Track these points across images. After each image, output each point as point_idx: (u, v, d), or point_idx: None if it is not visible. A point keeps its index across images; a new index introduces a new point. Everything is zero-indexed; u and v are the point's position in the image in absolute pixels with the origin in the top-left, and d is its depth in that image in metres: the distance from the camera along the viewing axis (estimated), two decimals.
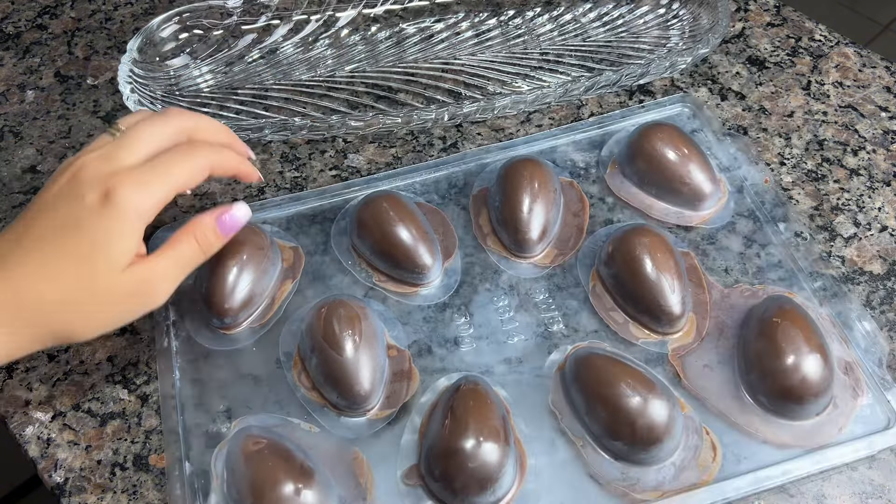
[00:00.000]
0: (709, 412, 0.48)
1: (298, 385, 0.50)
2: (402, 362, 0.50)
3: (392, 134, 0.63)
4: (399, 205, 0.54)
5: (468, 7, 0.71)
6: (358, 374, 0.47)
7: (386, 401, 0.49)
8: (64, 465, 0.47)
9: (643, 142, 0.57)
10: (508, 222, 0.55)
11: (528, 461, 0.46)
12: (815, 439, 0.47)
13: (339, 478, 0.46)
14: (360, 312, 0.49)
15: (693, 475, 0.46)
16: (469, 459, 0.43)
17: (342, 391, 0.48)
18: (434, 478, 0.45)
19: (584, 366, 0.48)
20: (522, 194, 0.54)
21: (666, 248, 0.52)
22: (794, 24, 0.70)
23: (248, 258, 0.52)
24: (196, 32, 0.66)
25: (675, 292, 0.50)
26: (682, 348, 0.51)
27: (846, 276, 0.55)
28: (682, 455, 0.46)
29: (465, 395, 0.46)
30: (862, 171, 0.60)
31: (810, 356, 0.47)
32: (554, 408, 0.48)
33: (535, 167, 0.56)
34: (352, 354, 0.47)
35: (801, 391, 0.47)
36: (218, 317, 0.51)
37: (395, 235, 0.53)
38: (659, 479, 0.46)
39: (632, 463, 0.46)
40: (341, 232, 0.57)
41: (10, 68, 0.68)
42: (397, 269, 0.54)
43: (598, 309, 0.53)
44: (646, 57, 0.67)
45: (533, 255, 0.55)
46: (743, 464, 0.46)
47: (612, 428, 0.46)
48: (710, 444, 0.47)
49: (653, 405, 0.45)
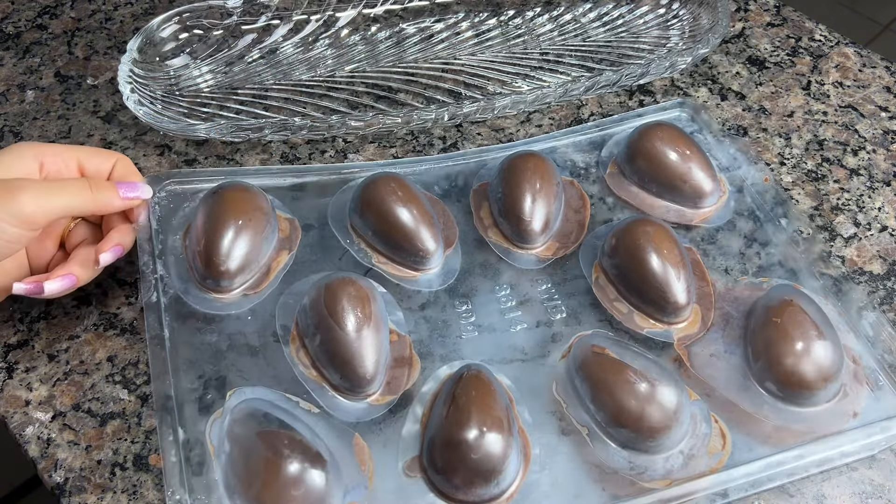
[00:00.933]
0: (717, 399, 0.48)
1: (297, 361, 0.48)
2: (403, 348, 0.49)
3: (392, 134, 0.63)
4: (404, 187, 0.54)
5: (468, 7, 0.71)
6: (363, 355, 0.46)
7: (387, 386, 0.48)
8: (64, 465, 0.47)
9: (643, 141, 0.57)
10: (511, 212, 0.54)
11: (533, 451, 0.45)
12: (827, 426, 0.46)
13: (341, 463, 0.44)
14: (368, 293, 0.48)
15: (702, 463, 0.45)
16: (472, 451, 0.42)
17: (346, 372, 0.46)
18: (437, 470, 0.44)
19: (589, 354, 0.47)
20: (526, 185, 0.54)
21: (670, 238, 0.52)
22: (794, 24, 0.70)
23: (251, 220, 0.51)
24: (196, 32, 0.66)
25: (681, 280, 0.50)
26: (688, 337, 0.50)
27: (846, 276, 0.55)
28: (690, 443, 0.46)
29: (468, 383, 0.45)
30: (862, 171, 0.60)
31: (819, 342, 0.46)
32: (558, 396, 0.48)
33: (538, 161, 0.56)
34: (358, 335, 0.46)
35: (811, 377, 0.46)
36: (213, 277, 0.50)
37: (398, 216, 0.52)
38: (667, 467, 0.45)
39: (639, 451, 0.45)
40: (340, 209, 0.55)
41: (10, 68, 0.68)
42: (399, 251, 0.53)
43: (602, 299, 0.52)
44: (646, 57, 0.67)
45: (535, 245, 0.55)
46: (753, 451, 0.46)
47: (619, 416, 0.45)
48: (719, 432, 0.46)
49: (661, 392, 0.44)
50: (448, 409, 0.44)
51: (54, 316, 0.52)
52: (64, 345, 0.51)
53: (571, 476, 0.45)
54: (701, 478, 0.44)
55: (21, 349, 0.51)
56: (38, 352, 0.51)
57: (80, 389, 0.50)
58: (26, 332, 0.51)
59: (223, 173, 0.57)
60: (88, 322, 0.52)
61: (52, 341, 0.51)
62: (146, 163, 0.61)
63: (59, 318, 0.52)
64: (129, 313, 0.52)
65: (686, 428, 0.46)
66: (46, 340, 0.51)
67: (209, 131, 0.59)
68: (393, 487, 0.45)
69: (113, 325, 0.52)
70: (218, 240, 0.50)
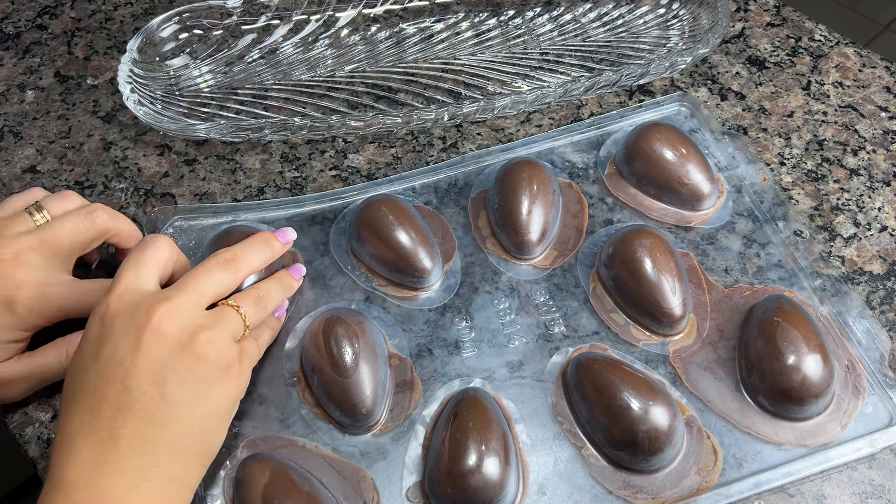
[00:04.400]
0: (710, 414, 0.48)
1: (304, 403, 0.49)
2: (405, 372, 0.50)
3: (392, 134, 0.63)
4: (397, 209, 0.54)
5: (468, 7, 0.71)
6: (359, 391, 0.47)
7: (390, 414, 0.49)
8: None
9: (641, 142, 0.57)
10: (508, 224, 0.55)
11: (531, 475, 0.46)
12: (817, 439, 0.47)
13: (345, 499, 0.45)
14: (357, 328, 0.49)
15: (694, 481, 0.46)
16: (470, 480, 0.43)
17: (345, 410, 0.47)
18: (437, 497, 0.45)
19: (586, 372, 0.48)
20: (521, 196, 0.54)
21: (666, 249, 0.52)
22: (794, 24, 0.70)
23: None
24: (196, 32, 0.66)
25: (677, 294, 0.50)
26: (683, 350, 0.51)
27: (846, 276, 0.55)
28: (683, 461, 0.46)
29: (466, 409, 0.46)
30: (862, 171, 0.60)
31: (809, 356, 0.47)
32: (556, 412, 0.48)
33: (534, 169, 0.56)
34: (351, 373, 0.47)
35: (800, 392, 0.47)
36: None
37: (393, 240, 0.53)
38: (660, 486, 0.46)
39: (633, 471, 0.46)
40: (340, 235, 0.57)
41: (10, 68, 0.68)
42: (397, 273, 0.53)
43: (599, 311, 0.53)
44: (646, 57, 0.67)
45: (532, 256, 0.55)
46: (744, 467, 0.46)
47: (615, 437, 0.46)
48: (710, 449, 0.47)
49: (654, 415, 0.45)
50: (446, 438, 0.45)
51: None
52: None
53: (569, 499, 0.46)
54: (693, 496, 0.45)
55: None
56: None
57: None
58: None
59: (227, 209, 0.58)
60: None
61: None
62: (146, 163, 0.61)
63: None
64: None
65: (679, 447, 0.46)
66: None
67: (209, 131, 0.59)
68: None
69: None
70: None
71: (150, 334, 0.40)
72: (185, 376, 0.41)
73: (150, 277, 0.44)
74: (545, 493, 0.46)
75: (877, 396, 0.49)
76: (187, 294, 0.43)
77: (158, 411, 0.40)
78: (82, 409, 0.40)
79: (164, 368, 0.40)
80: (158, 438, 0.40)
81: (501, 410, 0.48)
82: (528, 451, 0.47)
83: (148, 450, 0.39)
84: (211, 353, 0.42)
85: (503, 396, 0.49)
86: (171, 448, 0.40)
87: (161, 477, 0.40)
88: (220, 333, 0.43)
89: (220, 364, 0.42)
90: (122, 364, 0.40)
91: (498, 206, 0.55)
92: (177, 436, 0.40)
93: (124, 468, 0.39)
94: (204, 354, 0.41)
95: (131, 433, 0.39)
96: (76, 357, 0.42)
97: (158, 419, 0.40)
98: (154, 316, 0.41)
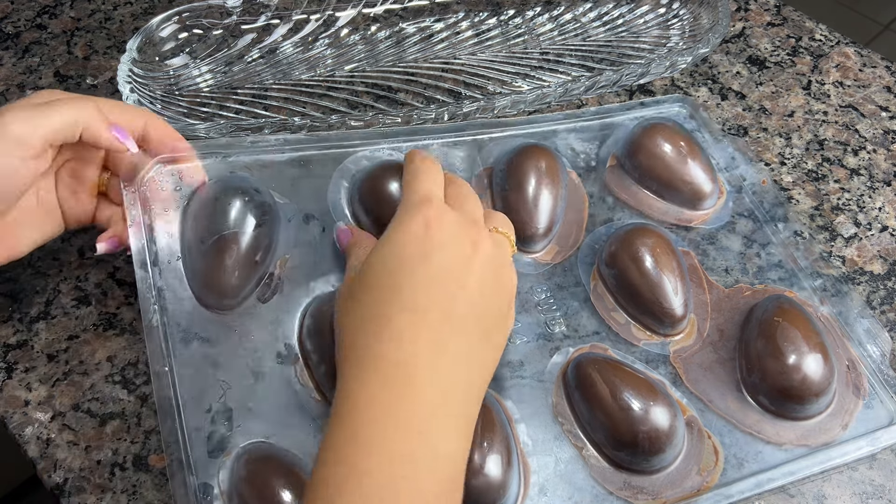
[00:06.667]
0: (710, 414, 0.48)
1: (302, 386, 0.47)
2: None
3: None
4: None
5: (468, 7, 0.71)
6: None
7: None
8: (63, 465, 0.47)
9: (643, 139, 0.57)
10: (515, 212, 0.53)
11: (532, 477, 0.46)
12: (819, 438, 0.47)
13: None
14: None
15: (695, 481, 0.46)
16: (473, 482, 0.43)
17: None
18: None
19: (587, 374, 0.48)
20: (535, 185, 0.53)
21: (668, 248, 0.52)
22: (795, 24, 0.70)
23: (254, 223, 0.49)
24: (196, 32, 0.66)
25: (678, 294, 0.50)
26: (684, 350, 0.51)
27: (847, 276, 0.55)
28: (684, 461, 0.46)
29: None
30: (862, 170, 0.60)
31: (810, 356, 0.47)
32: (556, 413, 0.48)
33: (548, 158, 0.55)
34: None
35: (801, 390, 0.47)
36: (217, 298, 0.48)
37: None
38: (661, 486, 0.46)
39: (634, 472, 0.46)
40: (338, 192, 0.54)
41: (10, 68, 0.68)
42: None
43: (600, 309, 0.53)
44: (646, 57, 0.67)
45: (536, 250, 0.55)
46: (745, 467, 0.46)
47: (615, 438, 0.46)
48: (711, 449, 0.47)
49: (655, 415, 0.45)
50: None
51: (54, 316, 0.52)
52: (63, 345, 0.51)
53: (570, 499, 0.46)
54: (694, 496, 0.45)
55: (20, 349, 0.51)
56: (38, 352, 0.50)
57: (79, 389, 0.50)
58: (26, 332, 0.51)
59: (218, 147, 0.55)
60: (88, 322, 0.52)
61: (51, 341, 0.51)
62: None
63: (58, 318, 0.52)
64: (128, 313, 0.52)
65: (680, 448, 0.46)
66: (46, 340, 0.51)
67: (209, 131, 0.58)
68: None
69: (112, 325, 0.52)
70: (222, 256, 0.48)
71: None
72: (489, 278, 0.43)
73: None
74: (546, 493, 0.46)
75: (877, 396, 0.49)
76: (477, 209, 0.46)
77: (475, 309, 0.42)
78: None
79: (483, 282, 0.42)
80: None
81: (503, 411, 0.48)
82: (528, 452, 0.47)
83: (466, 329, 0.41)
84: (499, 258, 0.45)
85: (504, 397, 0.49)
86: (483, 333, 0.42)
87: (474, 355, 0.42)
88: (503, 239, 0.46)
89: (504, 263, 0.45)
90: (453, 273, 0.41)
91: (506, 191, 0.54)
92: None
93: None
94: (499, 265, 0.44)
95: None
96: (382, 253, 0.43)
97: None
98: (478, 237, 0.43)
